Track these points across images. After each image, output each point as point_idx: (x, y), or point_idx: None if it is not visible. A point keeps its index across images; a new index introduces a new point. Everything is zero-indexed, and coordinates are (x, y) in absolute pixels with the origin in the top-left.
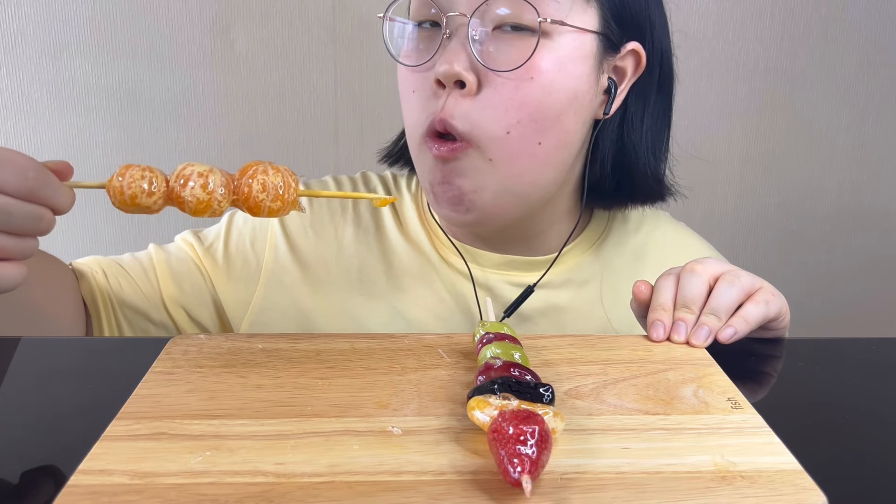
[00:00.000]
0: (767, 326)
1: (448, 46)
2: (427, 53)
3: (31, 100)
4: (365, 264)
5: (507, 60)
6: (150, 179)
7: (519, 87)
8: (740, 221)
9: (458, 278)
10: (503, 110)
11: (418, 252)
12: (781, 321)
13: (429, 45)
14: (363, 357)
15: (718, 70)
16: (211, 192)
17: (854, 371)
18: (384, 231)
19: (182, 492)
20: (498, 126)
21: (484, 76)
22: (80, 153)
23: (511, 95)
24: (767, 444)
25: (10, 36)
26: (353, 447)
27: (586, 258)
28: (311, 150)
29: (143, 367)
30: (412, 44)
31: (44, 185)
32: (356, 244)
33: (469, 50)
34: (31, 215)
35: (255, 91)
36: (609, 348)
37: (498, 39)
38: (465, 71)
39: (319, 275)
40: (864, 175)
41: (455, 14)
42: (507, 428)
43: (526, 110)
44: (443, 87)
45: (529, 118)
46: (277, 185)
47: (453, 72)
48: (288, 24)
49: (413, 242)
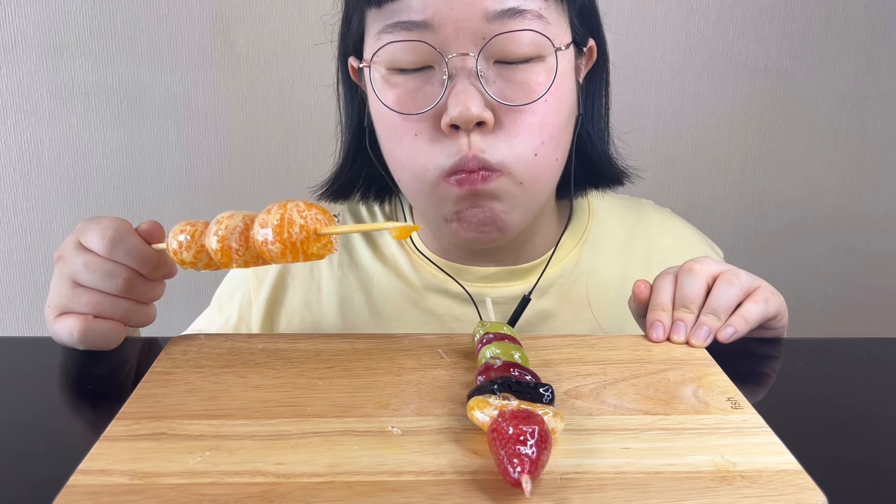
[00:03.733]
0: (766, 325)
1: (456, 88)
2: (425, 97)
3: (31, 100)
4: (345, 298)
5: (521, 92)
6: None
7: (535, 111)
8: (740, 221)
9: (440, 298)
10: (528, 137)
11: (397, 275)
12: (780, 320)
13: (424, 89)
14: (363, 357)
15: (718, 70)
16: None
17: (854, 371)
18: (358, 260)
19: (182, 492)
20: (527, 152)
21: (499, 109)
22: (80, 153)
23: (532, 121)
24: (767, 444)
25: (10, 36)
26: (353, 447)
27: (570, 261)
28: (311, 149)
29: (143, 367)
30: (402, 89)
31: (119, 243)
32: (332, 280)
33: (481, 88)
34: (109, 273)
35: (255, 91)
36: (609, 348)
37: (503, 73)
38: (483, 111)
39: (304, 318)
40: (863, 175)
41: (454, 56)
42: (507, 428)
43: (548, 131)
44: (456, 129)
45: (550, 138)
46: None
47: (472, 115)
48: (288, 24)
49: (391, 266)
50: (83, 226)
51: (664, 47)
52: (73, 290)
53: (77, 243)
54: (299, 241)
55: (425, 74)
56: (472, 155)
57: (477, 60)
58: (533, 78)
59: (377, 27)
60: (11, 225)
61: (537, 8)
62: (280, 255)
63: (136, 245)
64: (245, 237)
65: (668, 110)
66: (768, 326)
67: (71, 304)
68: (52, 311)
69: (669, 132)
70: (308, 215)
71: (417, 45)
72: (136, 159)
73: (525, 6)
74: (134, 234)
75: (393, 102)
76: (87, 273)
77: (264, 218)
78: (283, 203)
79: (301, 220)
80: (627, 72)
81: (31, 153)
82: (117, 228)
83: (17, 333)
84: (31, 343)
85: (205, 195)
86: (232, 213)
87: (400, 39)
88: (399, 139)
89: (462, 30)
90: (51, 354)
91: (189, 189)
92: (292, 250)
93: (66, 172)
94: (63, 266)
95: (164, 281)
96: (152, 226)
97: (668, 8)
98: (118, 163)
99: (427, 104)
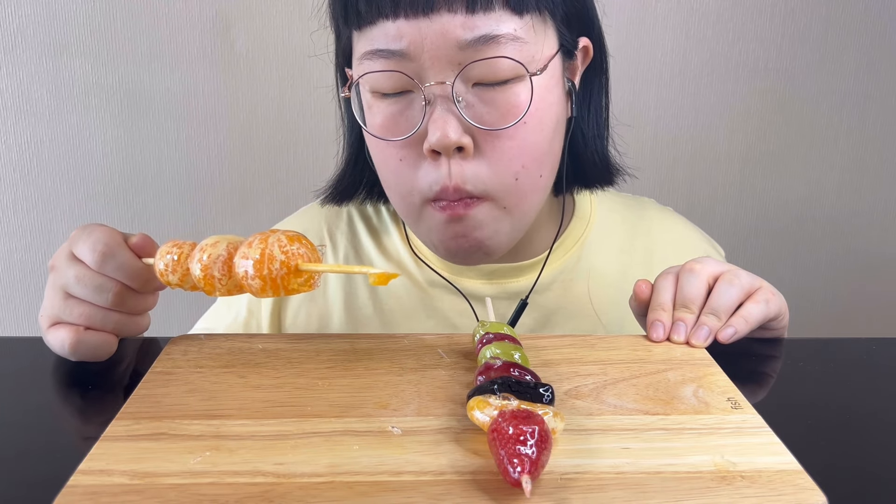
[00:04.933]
0: (767, 326)
1: (434, 114)
2: (406, 122)
3: (31, 100)
4: (349, 293)
5: (499, 116)
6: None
7: (515, 135)
8: (740, 221)
9: (443, 293)
10: (508, 161)
11: (401, 271)
12: (781, 320)
13: (406, 113)
14: (363, 357)
15: (718, 70)
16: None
17: (854, 371)
18: (363, 256)
19: (182, 492)
20: (508, 177)
21: (478, 134)
22: (80, 153)
23: (511, 146)
24: (767, 444)
25: (10, 36)
26: (353, 447)
27: (570, 258)
28: (311, 149)
29: (143, 368)
30: (385, 114)
31: (110, 258)
32: (338, 275)
33: (458, 114)
34: (99, 287)
35: (255, 91)
36: (609, 348)
37: (483, 95)
38: (461, 137)
39: (311, 311)
40: (863, 175)
41: (431, 84)
42: (507, 428)
43: (528, 154)
44: (438, 154)
45: (532, 159)
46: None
47: (450, 141)
48: (288, 24)
49: (395, 262)
50: (77, 235)
51: (664, 47)
52: (66, 301)
53: (70, 254)
54: (279, 277)
55: (406, 98)
56: (452, 186)
57: (453, 87)
58: (512, 100)
59: (360, 49)
60: (11, 225)
61: (512, 30)
62: (260, 291)
63: (127, 260)
64: (228, 267)
65: (668, 110)
66: (769, 327)
67: (63, 315)
68: (46, 321)
69: (669, 132)
70: (290, 250)
71: (396, 74)
72: (136, 159)
73: (498, 31)
74: (125, 248)
75: (377, 127)
76: (78, 286)
77: (245, 251)
78: (265, 236)
79: (282, 255)
80: (627, 72)
81: (31, 153)
82: (108, 243)
83: (17, 333)
84: (32, 343)
85: (205, 195)
86: (216, 241)
87: (378, 70)
88: (386, 161)
89: (437, 59)
90: (51, 354)
91: (189, 189)
92: (272, 286)
93: (66, 172)
94: (56, 276)
95: (157, 292)
96: (143, 240)
97: (668, 8)
98: (118, 163)
99: (408, 129)
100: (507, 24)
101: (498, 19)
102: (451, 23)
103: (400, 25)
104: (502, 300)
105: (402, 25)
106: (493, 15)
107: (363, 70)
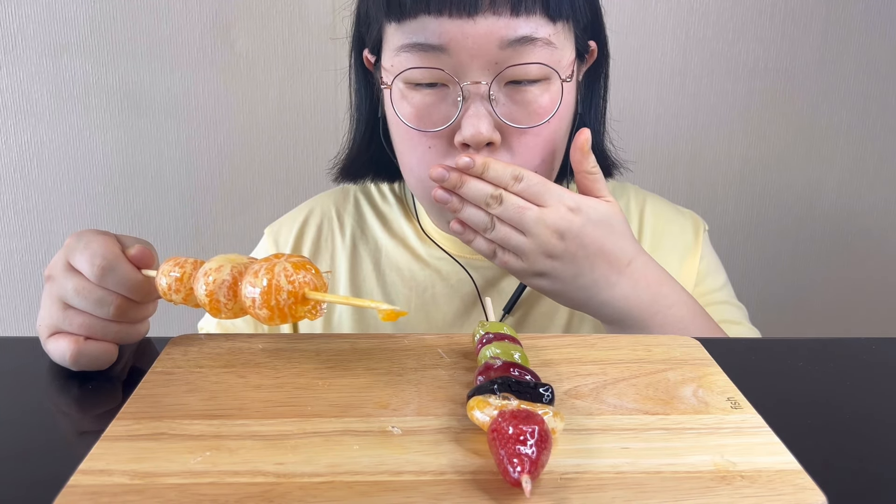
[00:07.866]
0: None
1: (470, 111)
2: (440, 114)
3: (31, 100)
4: (354, 265)
5: (527, 115)
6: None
7: (539, 132)
8: (740, 221)
9: (445, 263)
10: (531, 155)
11: (405, 247)
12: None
13: (440, 106)
14: (363, 357)
15: (718, 70)
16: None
17: (854, 371)
18: (369, 234)
19: (182, 492)
20: (530, 168)
21: (506, 129)
22: (80, 153)
23: (536, 142)
24: (767, 444)
25: (10, 36)
26: (353, 447)
27: None
28: (312, 150)
29: (143, 367)
30: (418, 105)
31: (109, 272)
32: (344, 251)
33: (491, 111)
34: (99, 300)
35: (255, 91)
36: (609, 348)
37: (513, 95)
38: (493, 133)
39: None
40: (863, 175)
41: (468, 83)
42: (507, 428)
43: (548, 148)
44: (467, 146)
45: (549, 153)
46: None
47: (483, 138)
48: (288, 24)
49: (399, 239)
50: (73, 244)
51: (664, 47)
52: (65, 311)
53: (67, 264)
54: (287, 307)
55: (440, 91)
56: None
57: (490, 87)
58: (540, 100)
59: (396, 42)
60: (12, 225)
61: (547, 35)
62: (268, 320)
63: (127, 273)
64: (234, 292)
65: (668, 110)
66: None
67: (63, 325)
68: (45, 330)
69: (669, 132)
70: (296, 279)
71: (435, 70)
72: (136, 159)
73: (537, 34)
74: (124, 261)
75: (410, 117)
76: (77, 298)
77: (252, 280)
78: (271, 264)
79: (289, 286)
80: (627, 72)
81: (31, 153)
82: (106, 257)
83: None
84: (32, 343)
85: (205, 195)
86: (220, 264)
87: (417, 66)
88: (413, 148)
89: (477, 57)
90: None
91: (189, 189)
92: (280, 315)
93: (66, 172)
94: (53, 287)
95: (157, 300)
96: (141, 251)
97: (668, 8)
98: (118, 163)
99: (442, 122)
100: (544, 30)
101: (536, 24)
102: (494, 24)
103: (442, 23)
104: (504, 280)
105: (445, 23)
106: (533, 19)
107: (401, 62)
